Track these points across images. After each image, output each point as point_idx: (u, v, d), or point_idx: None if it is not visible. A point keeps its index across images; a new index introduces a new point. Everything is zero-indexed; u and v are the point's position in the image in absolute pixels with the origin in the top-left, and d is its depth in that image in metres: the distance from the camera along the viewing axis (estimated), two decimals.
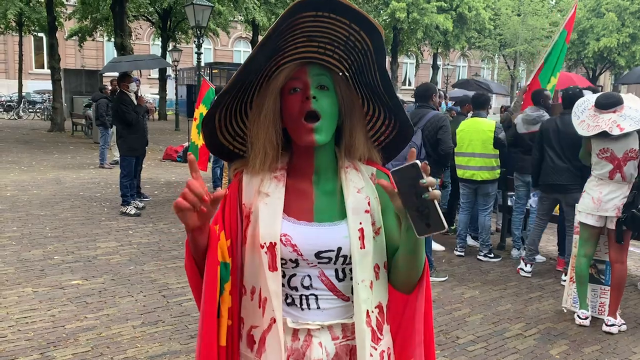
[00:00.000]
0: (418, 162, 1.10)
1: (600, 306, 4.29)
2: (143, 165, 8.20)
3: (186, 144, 12.72)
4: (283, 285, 1.31)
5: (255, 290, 1.33)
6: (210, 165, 9.06)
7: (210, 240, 1.27)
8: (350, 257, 1.30)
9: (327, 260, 1.30)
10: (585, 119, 4.00)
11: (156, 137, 17.48)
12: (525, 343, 3.84)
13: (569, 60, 32.46)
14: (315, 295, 1.32)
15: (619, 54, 29.67)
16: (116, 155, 11.54)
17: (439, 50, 31.84)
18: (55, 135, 18.19)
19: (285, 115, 1.32)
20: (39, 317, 3.93)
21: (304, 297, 1.32)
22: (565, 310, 4.41)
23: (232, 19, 23.34)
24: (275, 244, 1.28)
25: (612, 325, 4.03)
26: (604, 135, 3.90)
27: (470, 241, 6.27)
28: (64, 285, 4.57)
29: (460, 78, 39.25)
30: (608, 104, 3.91)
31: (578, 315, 4.19)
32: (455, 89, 16.74)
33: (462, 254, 5.91)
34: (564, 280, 5.10)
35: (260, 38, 23.30)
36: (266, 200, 1.32)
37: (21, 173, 10.29)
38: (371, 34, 1.24)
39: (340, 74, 1.36)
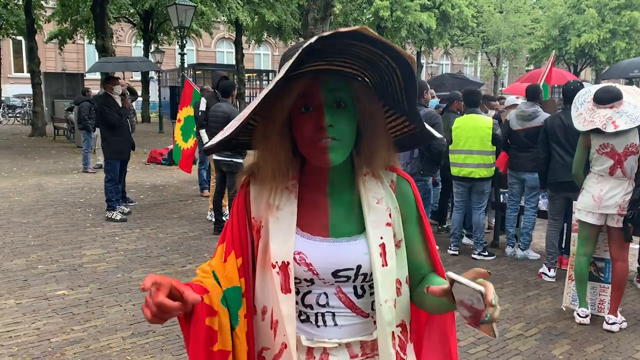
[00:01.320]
0: (483, 289, 0.97)
1: (599, 304, 4.23)
2: (127, 169, 8.01)
3: (171, 147, 12.51)
4: (296, 302, 1.21)
5: (267, 311, 1.22)
6: (196, 167, 8.91)
7: (195, 313, 1.14)
8: (370, 275, 1.19)
9: (345, 278, 1.20)
10: (583, 112, 3.93)
11: (140, 139, 17.18)
12: (527, 344, 3.76)
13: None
14: (332, 313, 1.21)
15: (600, 49, 29.94)
16: (100, 159, 11.33)
17: (423, 49, 31.88)
18: (37, 140, 17.85)
19: (295, 133, 1.19)
20: (23, 331, 3.76)
21: (319, 314, 1.21)
22: (564, 309, 4.35)
23: (214, 19, 23.10)
24: (288, 263, 1.17)
25: (614, 323, 3.97)
26: (601, 130, 3.84)
27: (465, 240, 6.20)
28: (49, 296, 4.40)
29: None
30: (605, 98, 3.84)
31: (578, 314, 4.13)
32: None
33: (457, 252, 5.84)
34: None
35: (243, 38, 22.95)
36: (277, 214, 1.21)
37: (2, 179, 10.02)
38: (400, 63, 1.09)
39: (360, 78, 1.20)
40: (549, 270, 5.11)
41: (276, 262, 1.17)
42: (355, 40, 1.02)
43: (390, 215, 1.22)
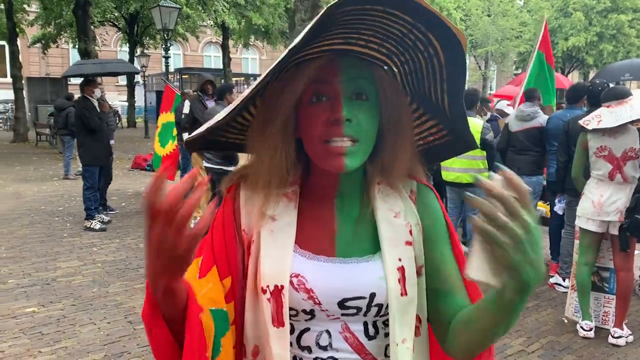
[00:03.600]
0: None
1: (604, 315, 4.01)
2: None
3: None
4: (291, 344, 0.93)
5: (259, 352, 0.95)
6: (178, 173, 8.62)
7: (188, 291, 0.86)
8: (386, 307, 0.92)
9: (354, 310, 0.93)
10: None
11: (125, 145, 16.88)
12: None
13: None
14: (336, 359, 0.94)
15: (587, 52, 30.06)
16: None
17: None
18: (18, 146, 17.44)
19: (301, 129, 0.94)
20: None
21: None
22: (566, 321, 4.13)
23: (201, 22, 22.82)
24: (282, 287, 0.90)
25: (620, 337, 3.75)
26: (600, 131, 3.65)
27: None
28: (17, 314, 4.09)
29: None
30: (606, 97, 3.65)
31: (582, 327, 3.90)
32: None
33: None
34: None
35: (230, 42, 22.62)
36: (272, 225, 0.94)
37: None
38: (445, 42, 0.86)
39: (386, 67, 0.98)
40: (564, 280, 4.82)
41: (267, 286, 0.91)
42: (391, 6, 0.81)
43: (410, 232, 0.97)
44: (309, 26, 0.79)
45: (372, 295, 0.92)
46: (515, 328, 4.02)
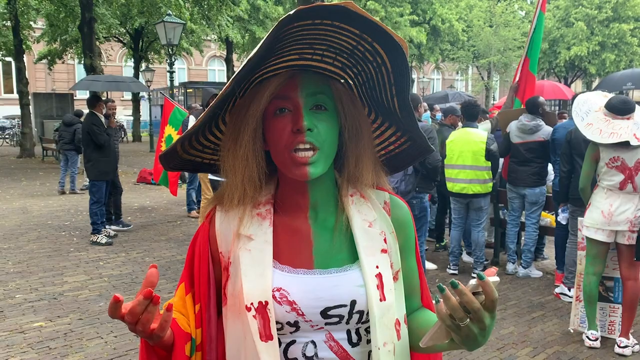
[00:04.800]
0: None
1: (609, 325, 4.01)
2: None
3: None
4: None
5: None
6: (184, 186, 8.68)
7: (175, 337, 0.98)
8: (367, 314, 0.98)
9: (337, 319, 0.98)
10: (593, 122, 3.69)
11: (130, 159, 16.99)
12: None
13: (541, 70, 32.86)
14: None
15: (590, 62, 30.11)
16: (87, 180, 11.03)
17: (414, 64, 31.92)
18: (25, 161, 17.56)
19: (269, 140, 1.01)
20: None
21: None
22: (572, 331, 4.12)
23: (205, 37, 23.04)
24: (266, 303, 0.95)
25: (626, 346, 3.74)
26: (616, 143, 3.60)
27: (465, 257, 5.98)
28: (25, 329, 4.12)
29: (435, 91, 39.47)
30: (625, 109, 3.60)
31: (587, 337, 3.89)
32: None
33: (456, 272, 5.61)
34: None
35: (234, 56, 22.79)
36: (249, 245, 0.99)
37: None
38: (389, 49, 0.92)
39: (342, 81, 1.04)
40: (569, 290, 4.80)
41: (251, 304, 0.95)
42: (339, 20, 0.88)
43: (385, 240, 1.03)
44: (262, 41, 0.85)
45: (353, 303, 0.97)
46: (522, 339, 4.02)
